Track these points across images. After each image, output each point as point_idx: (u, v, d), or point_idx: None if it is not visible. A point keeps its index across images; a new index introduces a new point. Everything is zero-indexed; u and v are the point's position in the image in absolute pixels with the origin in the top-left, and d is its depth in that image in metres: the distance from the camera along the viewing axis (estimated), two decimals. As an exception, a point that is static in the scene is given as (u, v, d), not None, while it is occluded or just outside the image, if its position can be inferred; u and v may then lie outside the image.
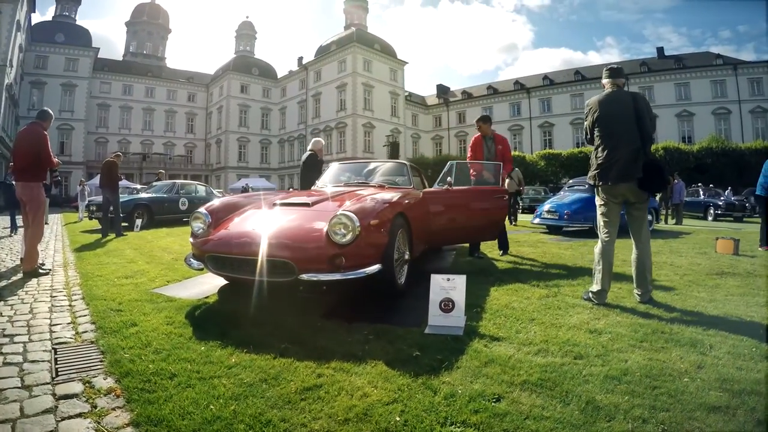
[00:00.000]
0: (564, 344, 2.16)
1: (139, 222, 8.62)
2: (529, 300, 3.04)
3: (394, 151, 29.92)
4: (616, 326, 2.46)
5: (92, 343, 2.17)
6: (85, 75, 40.91)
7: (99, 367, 1.87)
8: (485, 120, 5.12)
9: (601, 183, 2.97)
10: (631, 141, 2.88)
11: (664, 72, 35.98)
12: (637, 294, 3.02)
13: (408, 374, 1.78)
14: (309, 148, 5.83)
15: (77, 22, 42.81)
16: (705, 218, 13.92)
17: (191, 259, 2.91)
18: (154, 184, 11.48)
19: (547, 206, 8.39)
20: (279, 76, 49.45)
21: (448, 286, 2.55)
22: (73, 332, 2.33)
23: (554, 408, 1.55)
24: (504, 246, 5.14)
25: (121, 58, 49.57)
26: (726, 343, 2.18)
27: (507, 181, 5.09)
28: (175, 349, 2.02)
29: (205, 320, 2.50)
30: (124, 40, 53.54)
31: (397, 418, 1.46)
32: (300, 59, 47.38)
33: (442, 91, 52.69)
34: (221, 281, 3.37)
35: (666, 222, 12.22)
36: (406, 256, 3.23)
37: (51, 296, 3.13)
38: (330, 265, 2.49)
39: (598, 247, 3.02)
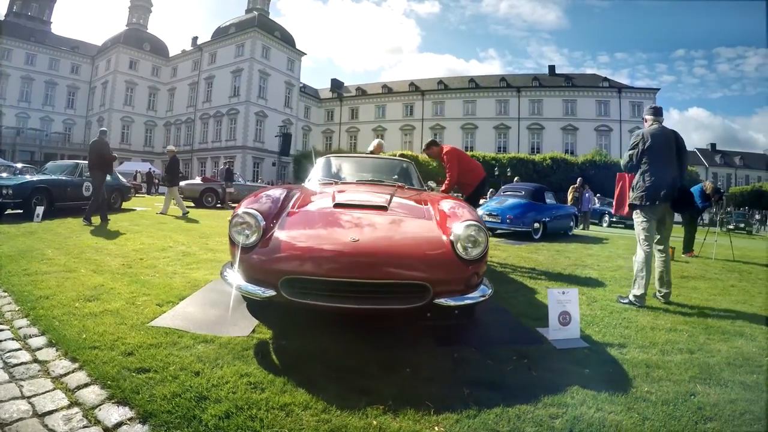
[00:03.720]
0: (669, 344, 2.49)
1: (39, 210, 6.83)
2: (582, 306, 3.19)
3: (285, 143, 28.96)
4: (678, 324, 2.90)
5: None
6: (-40, 34, 34.64)
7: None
8: (428, 146, 5.05)
9: (648, 203, 3.41)
10: (673, 169, 3.44)
11: (555, 88, 41.77)
12: (660, 295, 3.54)
13: (614, 392, 1.83)
14: (369, 150, 5.40)
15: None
16: (600, 224, 16.53)
17: (242, 282, 2.10)
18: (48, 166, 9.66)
19: (481, 210, 8.77)
20: (171, 54, 47.37)
21: (564, 299, 2.56)
22: (98, 428, 1.40)
23: (730, 393, 1.89)
24: None
25: (2, 18, 43.19)
26: (755, 331, 2.82)
27: None
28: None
29: (304, 371, 1.85)
30: (7, -1, 46.59)
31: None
32: (195, 39, 45.63)
33: (336, 85, 53.60)
34: (227, 298, 2.66)
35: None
36: None
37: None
38: (466, 285, 2.17)
39: (640, 257, 3.43)
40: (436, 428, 1.46)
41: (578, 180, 13.35)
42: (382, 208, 2.55)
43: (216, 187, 13.40)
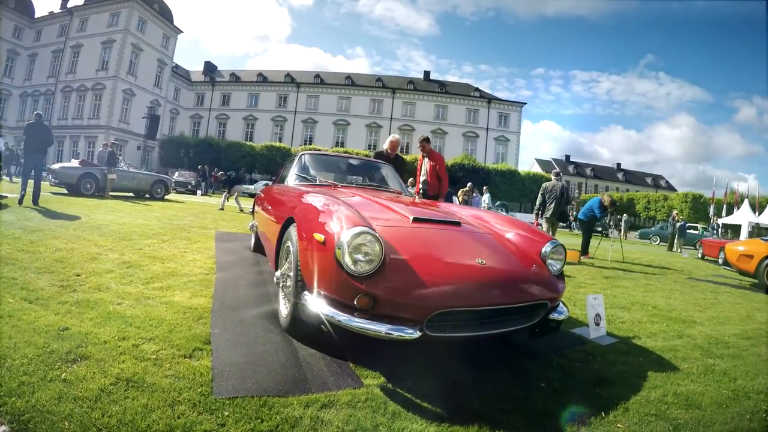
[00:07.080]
0: (662, 333, 3.06)
1: None
2: (570, 307, 3.58)
3: (153, 125, 25.29)
4: (651, 318, 3.53)
5: None
6: None
7: None
8: (428, 140, 5.42)
9: (547, 218, 7.46)
10: (560, 203, 7.38)
11: (429, 93, 43.92)
12: None
13: (673, 371, 2.22)
14: (384, 146, 5.07)
15: None
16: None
17: (361, 322, 1.62)
18: None
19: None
20: (37, 15, 41.44)
21: (595, 304, 2.89)
22: None
23: (727, 361, 2.49)
24: None
25: None
26: (700, 319, 3.65)
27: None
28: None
29: (476, 412, 1.62)
30: None
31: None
32: (65, 1, 40.79)
33: (210, 69, 49.15)
34: (262, 332, 2.20)
35: None
36: None
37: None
38: (559, 300, 2.28)
39: None
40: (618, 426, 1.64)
41: (468, 184, 13.76)
42: (457, 224, 2.39)
43: (96, 173, 10.54)
